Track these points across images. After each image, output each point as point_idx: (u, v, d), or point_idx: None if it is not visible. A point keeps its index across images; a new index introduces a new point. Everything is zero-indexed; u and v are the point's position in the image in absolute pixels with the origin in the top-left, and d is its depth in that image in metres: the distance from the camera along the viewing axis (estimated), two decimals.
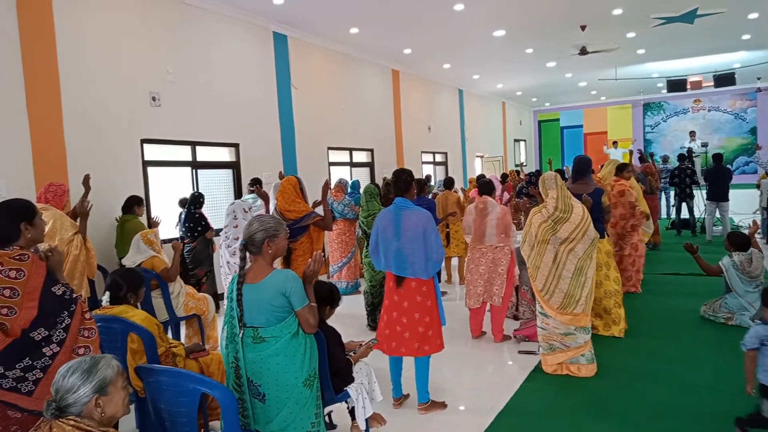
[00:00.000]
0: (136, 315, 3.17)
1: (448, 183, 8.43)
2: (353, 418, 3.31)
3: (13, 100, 5.51)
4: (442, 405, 3.89)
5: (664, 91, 17.97)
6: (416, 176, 4.98)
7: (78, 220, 4.67)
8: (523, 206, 6.11)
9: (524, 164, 13.59)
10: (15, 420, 2.42)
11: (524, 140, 22.80)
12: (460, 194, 8.79)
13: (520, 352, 4.97)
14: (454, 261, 8.70)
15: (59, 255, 2.60)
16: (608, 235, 5.46)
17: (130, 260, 4.78)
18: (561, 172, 7.50)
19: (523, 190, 9.49)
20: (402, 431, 3.58)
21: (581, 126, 22.83)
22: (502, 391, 4.14)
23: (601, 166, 7.65)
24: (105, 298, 3.31)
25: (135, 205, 5.99)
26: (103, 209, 6.03)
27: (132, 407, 3.47)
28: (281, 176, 7.46)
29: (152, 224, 6.26)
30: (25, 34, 5.60)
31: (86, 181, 5.33)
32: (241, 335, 2.62)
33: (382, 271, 5.49)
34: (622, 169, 6.87)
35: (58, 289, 2.49)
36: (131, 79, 6.66)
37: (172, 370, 2.27)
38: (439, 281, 7.26)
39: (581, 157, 5.54)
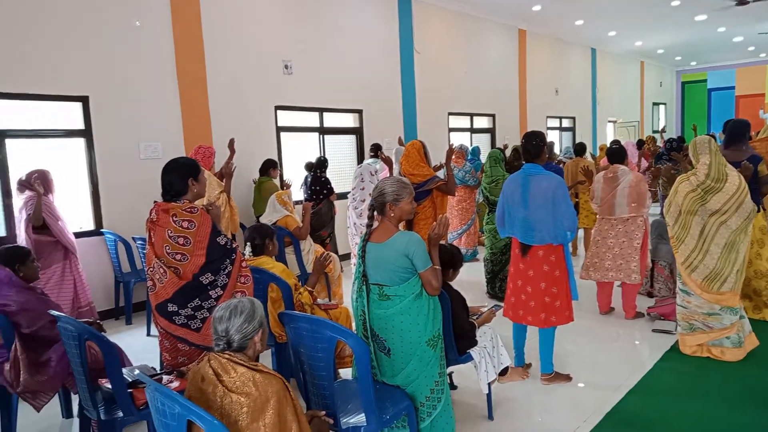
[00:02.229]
0: (275, 267, 3.42)
1: (579, 149, 7.93)
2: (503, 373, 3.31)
3: (165, 71, 6.07)
4: (567, 377, 3.78)
5: None
6: None
7: (224, 180, 5.09)
8: (665, 172, 5.59)
9: (664, 130, 12.39)
10: (183, 352, 2.76)
11: (664, 104, 20.79)
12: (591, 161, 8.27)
13: (654, 330, 4.65)
14: (580, 232, 8.28)
15: (218, 209, 2.88)
16: (764, 209, 4.85)
17: (267, 219, 5.14)
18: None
19: (663, 156, 8.73)
20: (524, 400, 3.53)
21: (733, 87, 20.24)
22: (632, 369, 3.91)
23: (757, 134, 6.76)
24: (247, 251, 3.60)
25: (270, 167, 6.41)
26: (241, 171, 6.50)
27: (270, 351, 3.79)
28: (400, 142, 7.53)
29: (285, 186, 6.65)
30: (176, 10, 6.10)
31: (231, 144, 5.77)
32: (367, 291, 2.72)
33: (503, 238, 5.42)
34: None
35: (222, 239, 2.76)
36: (267, 48, 7.03)
37: (311, 317, 2.42)
38: None
39: (738, 120, 4.93)
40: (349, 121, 8.47)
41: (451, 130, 10.35)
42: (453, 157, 7.54)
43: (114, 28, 5.67)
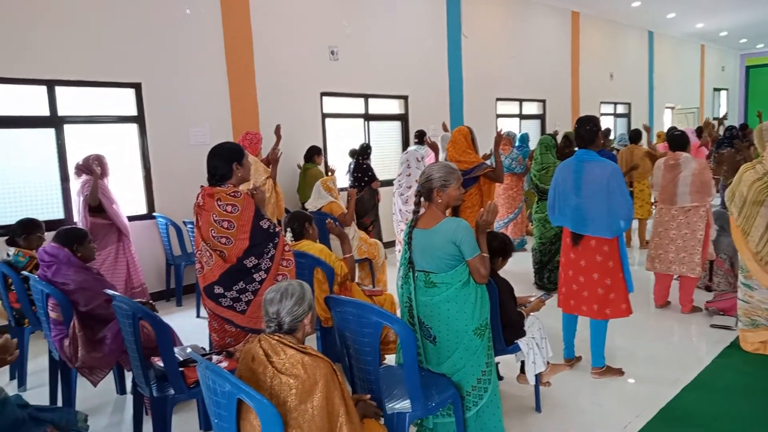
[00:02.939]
0: (313, 248, 3.44)
1: (635, 136, 7.61)
2: (522, 371, 3.26)
3: (214, 58, 6.17)
4: (619, 372, 3.65)
5: None
6: None
7: (270, 166, 5.15)
8: (728, 159, 5.29)
9: (725, 118, 11.75)
10: (230, 333, 2.81)
11: (726, 89, 19.73)
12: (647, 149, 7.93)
13: (712, 326, 4.43)
14: (634, 223, 7.98)
15: (262, 194, 2.90)
16: None
17: (312, 204, 5.17)
18: None
19: (723, 144, 8.29)
20: (573, 393, 3.43)
21: None
22: (689, 365, 3.74)
23: None
24: (288, 236, 3.63)
25: (315, 154, 6.44)
26: (287, 157, 6.55)
27: (316, 335, 3.82)
28: (445, 128, 7.43)
29: (330, 172, 6.68)
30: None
31: (278, 130, 5.83)
32: (413, 278, 2.68)
33: (553, 227, 5.28)
34: None
35: (265, 223, 2.78)
36: (313, 34, 7.04)
37: (357, 302, 2.41)
38: None
39: None
40: (394, 107, 8.40)
41: (498, 116, 10.13)
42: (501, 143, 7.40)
43: (165, 17, 5.79)
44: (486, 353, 2.67)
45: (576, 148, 3.66)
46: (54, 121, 5.23)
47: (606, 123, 12.91)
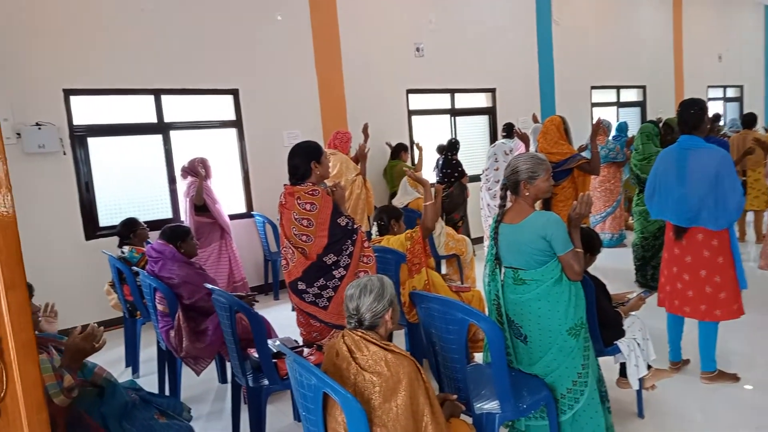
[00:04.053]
0: (392, 242, 3.45)
1: (748, 120, 6.92)
2: (622, 374, 3.07)
3: (304, 60, 6.38)
4: (733, 377, 3.33)
5: None
6: None
7: (359, 163, 5.24)
8: None
9: None
10: (315, 328, 2.88)
11: None
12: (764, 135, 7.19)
13: None
14: (749, 215, 7.26)
15: (342, 191, 2.94)
16: None
17: (398, 201, 5.20)
18: None
19: None
20: (679, 399, 3.18)
21: None
22: None
23: None
24: (374, 231, 3.66)
25: (402, 151, 6.47)
26: (374, 154, 6.63)
27: (403, 331, 3.83)
28: (535, 119, 7.17)
29: (416, 169, 6.68)
30: (314, 0, 6.35)
31: (365, 129, 5.92)
32: (501, 275, 2.60)
33: (655, 221, 4.92)
34: None
35: (342, 220, 2.81)
36: (398, 31, 7.06)
37: (442, 298, 2.38)
38: None
39: None
40: (481, 101, 8.24)
41: (594, 105, 9.63)
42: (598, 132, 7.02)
43: (258, 24, 6.05)
44: (582, 354, 2.53)
45: (679, 135, 3.38)
46: (161, 128, 5.65)
47: (714, 108, 11.85)
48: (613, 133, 7.51)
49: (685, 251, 3.26)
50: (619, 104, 10.24)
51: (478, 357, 3.37)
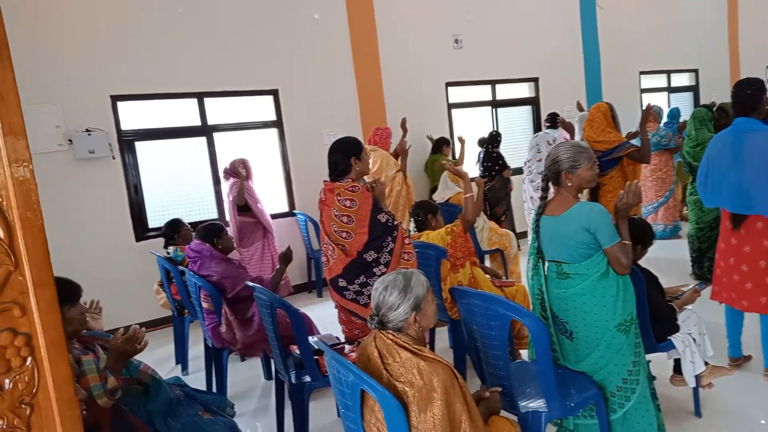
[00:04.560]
0: (431, 237, 3.40)
1: None
2: (677, 371, 2.92)
3: (342, 58, 6.39)
4: None
5: None
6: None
7: (399, 159, 5.21)
8: None
9: None
10: (357, 325, 2.87)
11: None
12: None
13: None
14: None
15: (382, 186, 2.90)
16: None
17: (439, 195, 5.13)
18: None
19: None
20: (740, 398, 3.00)
21: None
22: None
23: None
24: (411, 227, 3.62)
25: (443, 145, 6.39)
26: (414, 149, 6.57)
27: (445, 328, 3.77)
28: (579, 107, 6.94)
29: (457, 163, 6.59)
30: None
31: (403, 124, 5.88)
32: (545, 269, 2.51)
33: (711, 210, 4.69)
34: None
35: (383, 216, 2.78)
36: (435, 24, 6.98)
37: (484, 294, 2.32)
38: None
39: None
40: (523, 91, 8.05)
41: (643, 91, 9.25)
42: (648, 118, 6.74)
43: (296, 24, 6.10)
44: (633, 351, 2.42)
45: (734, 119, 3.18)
46: (205, 130, 5.77)
47: None
48: (664, 119, 7.19)
49: (743, 241, 3.07)
50: (670, 89, 9.80)
51: (524, 354, 3.28)
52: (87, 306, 2.52)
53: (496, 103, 7.70)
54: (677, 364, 2.91)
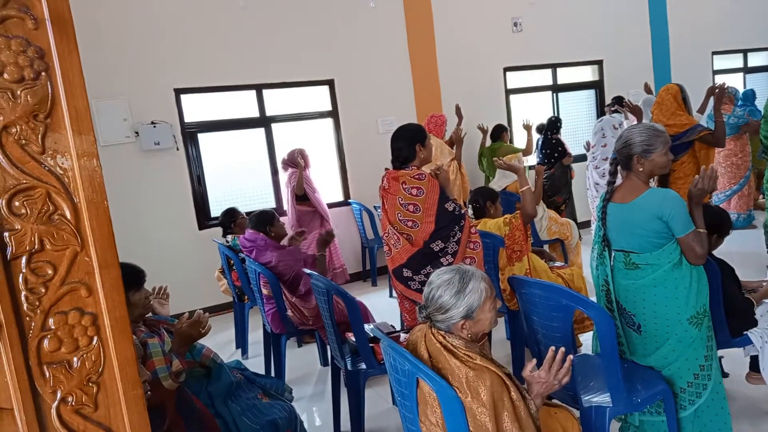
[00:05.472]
0: (488, 224, 3.32)
1: None
2: (753, 368, 2.73)
3: (397, 46, 6.35)
4: None
5: None
6: None
7: (454, 147, 5.13)
8: None
9: None
10: None
11: None
12: None
13: None
14: None
15: (445, 173, 2.85)
16: None
17: (497, 184, 5.02)
18: None
19: None
20: None
21: None
22: None
23: None
24: (469, 213, 3.55)
25: (503, 132, 6.24)
26: (471, 137, 6.46)
27: (502, 319, 3.70)
28: (647, 89, 6.59)
29: (526, 152, 6.41)
30: None
31: (458, 110, 5.78)
32: (611, 258, 2.39)
33: None
34: None
35: (450, 205, 2.71)
36: (494, 7, 6.80)
37: (545, 283, 2.24)
38: None
39: None
40: (587, 74, 7.73)
41: (716, 72, 8.69)
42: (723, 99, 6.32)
43: (352, 13, 6.09)
44: (705, 345, 2.29)
45: None
46: (263, 121, 5.88)
47: None
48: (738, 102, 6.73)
49: None
50: (747, 70, 9.16)
51: (585, 339, 3.16)
52: (154, 292, 2.62)
53: (557, 88, 7.44)
54: (754, 361, 2.73)
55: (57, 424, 0.88)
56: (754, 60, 9.27)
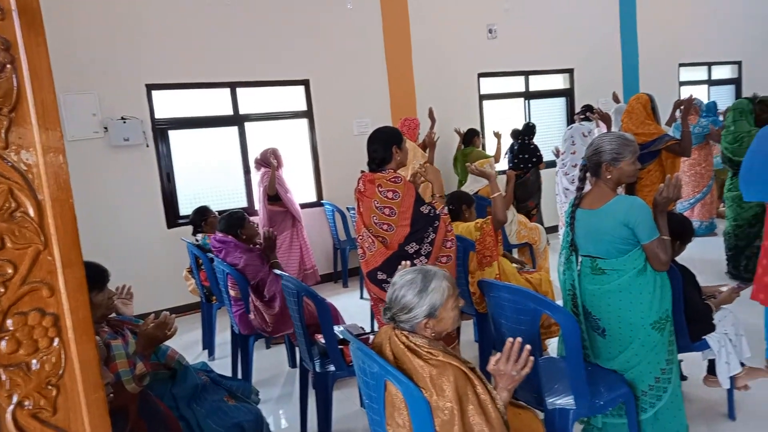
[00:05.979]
0: (460, 227, 3.36)
1: None
2: (710, 371, 2.82)
3: (373, 48, 6.36)
4: None
5: None
6: None
7: (427, 150, 5.15)
8: None
9: None
10: None
11: None
12: None
13: None
14: None
15: (421, 179, 2.86)
16: None
17: (469, 188, 5.06)
18: None
19: None
20: None
21: None
22: None
23: None
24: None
25: (474, 136, 6.31)
26: (444, 141, 6.51)
27: (471, 322, 3.73)
28: (615, 98, 6.76)
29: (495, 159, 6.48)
30: None
31: (431, 114, 5.81)
32: (578, 263, 2.44)
33: (751, 207, 4.54)
34: None
35: (425, 208, 2.72)
36: (469, 13, 6.87)
37: (513, 287, 2.27)
38: None
39: None
40: (558, 82, 7.88)
41: (682, 83, 8.96)
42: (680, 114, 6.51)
43: (329, 14, 6.08)
44: (666, 350, 2.35)
45: None
46: (237, 120, 5.81)
47: None
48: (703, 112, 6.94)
49: None
50: (711, 82, 9.47)
51: (551, 343, 3.22)
52: (118, 291, 2.56)
53: (529, 95, 7.56)
54: (711, 364, 2.82)
55: (12, 429, 0.85)
56: (718, 73, 9.58)
